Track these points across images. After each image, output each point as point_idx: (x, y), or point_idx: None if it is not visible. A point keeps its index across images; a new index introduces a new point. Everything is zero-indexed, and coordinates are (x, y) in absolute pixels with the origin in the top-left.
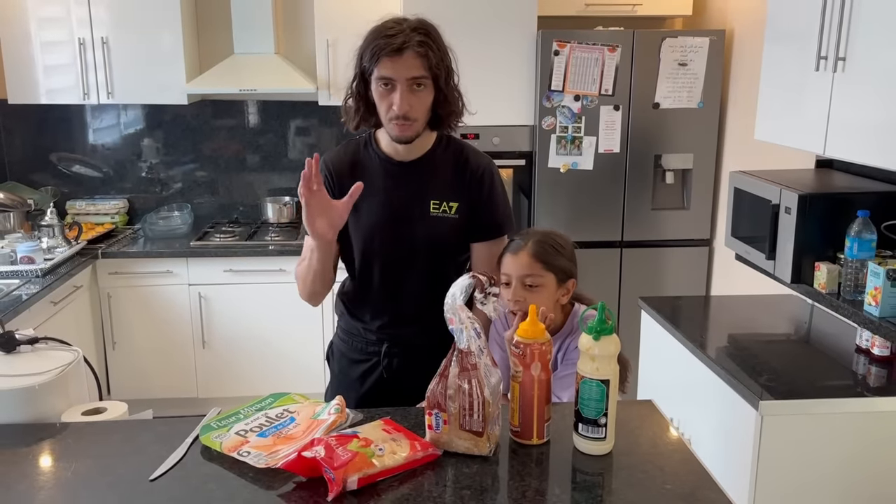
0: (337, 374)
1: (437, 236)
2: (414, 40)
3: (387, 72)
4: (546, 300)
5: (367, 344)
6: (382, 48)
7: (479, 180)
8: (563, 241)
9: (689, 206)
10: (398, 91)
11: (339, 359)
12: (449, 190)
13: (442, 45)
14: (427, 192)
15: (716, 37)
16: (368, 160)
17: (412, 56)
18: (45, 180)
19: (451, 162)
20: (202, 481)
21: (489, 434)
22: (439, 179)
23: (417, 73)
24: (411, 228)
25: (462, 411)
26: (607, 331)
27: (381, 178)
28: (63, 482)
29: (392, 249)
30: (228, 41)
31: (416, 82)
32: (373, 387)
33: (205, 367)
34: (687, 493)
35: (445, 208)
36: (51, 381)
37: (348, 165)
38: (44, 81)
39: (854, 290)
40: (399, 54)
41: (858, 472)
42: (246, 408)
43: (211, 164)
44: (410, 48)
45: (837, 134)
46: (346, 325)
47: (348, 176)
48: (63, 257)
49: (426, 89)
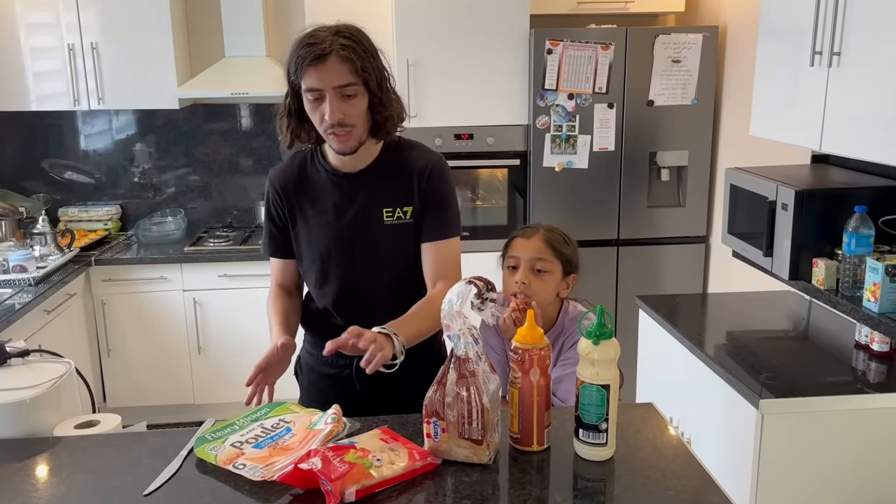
0: (307, 388)
1: (394, 243)
2: (336, 45)
3: (312, 82)
4: (550, 289)
5: (338, 356)
6: (304, 58)
7: (427, 179)
8: (568, 235)
9: (685, 203)
10: (327, 100)
11: (307, 373)
12: (400, 195)
13: (369, 46)
14: (379, 201)
15: (709, 33)
16: (316, 174)
17: (336, 62)
18: (36, 187)
19: (400, 166)
20: (197, 495)
21: (489, 442)
22: (389, 186)
23: (344, 79)
24: (367, 240)
25: (461, 419)
26: (607, 335)
27: (330, 192)
28: (56, 498)
29: (351, 263)
30: (219, 44)
31: (345, 90)
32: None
33: (201, 374)
34: (690, 498)
35: (400, 214)
36: (43, 395)
37: (294, 181)
38: (34, 88)
39: (852, 286)
40: (322, 62)
41: (860, 468)
42: (241, 418)
43: (204, 168)
44: (333, 54)
45: (833, 129)
46: (313, 339)
47: (295, 192)
48: (56, 265)
49: (358, 95)
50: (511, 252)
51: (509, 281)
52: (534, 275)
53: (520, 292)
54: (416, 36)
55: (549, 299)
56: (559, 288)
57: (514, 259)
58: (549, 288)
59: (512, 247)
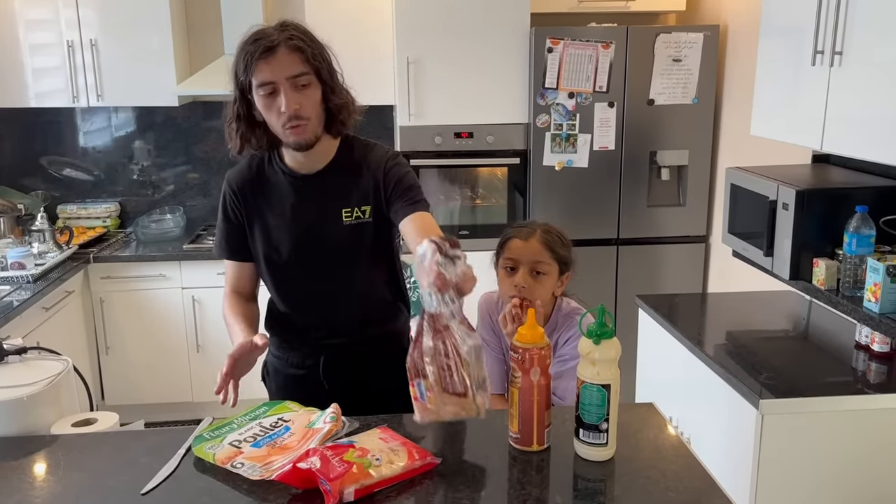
0: (275, 392)
1: (354, 243)
2: (284, 37)
3: (265, 76)
4: (548, 290)
5: (304, 357)
6: (253, 53)
7: (386, 171)
8: (564, 234)
9: (685, 202)
10: (282, 92)
11: (274, 377)
12: (358, 195)
13: (314, 38)
14: (337, 201)
15: (710, 32)
16: (273, 176)
17: (286, 52)
18: (35, 184)
19: (354, 165)
20: (195, 494)
21: (474, 394)
22: (347, 186)
23: (297, 69)
24: (327, 241)
25: (441, 372)
26: (608, 334)
27: (287, 194)
28: (53, 496)
29: (311, 265)
30: (219, 42)
31: (298, 80)
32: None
33: (199, 372)
34: (691, 499)
35: (358, 214)
36: (40, 393)
37: (252, 183)
38: (33, 85)
39: (853, 287)
40: (273, 53)
41: (860, 469)
42: (240, 417)
43: (203, 165)
44: (283, 44)
45: (835, 129)
46: (278, 342)
47: (252, 193)
48: (54, 262)
49: (311, 85)
50: (508, 253)
51: (506, 282)
52: (532, 277)
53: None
54: (417, 34)
55: (546, 300)
56: (554, 287)
57: (512, 261)
58: (547, 289)
59: (509, 248)
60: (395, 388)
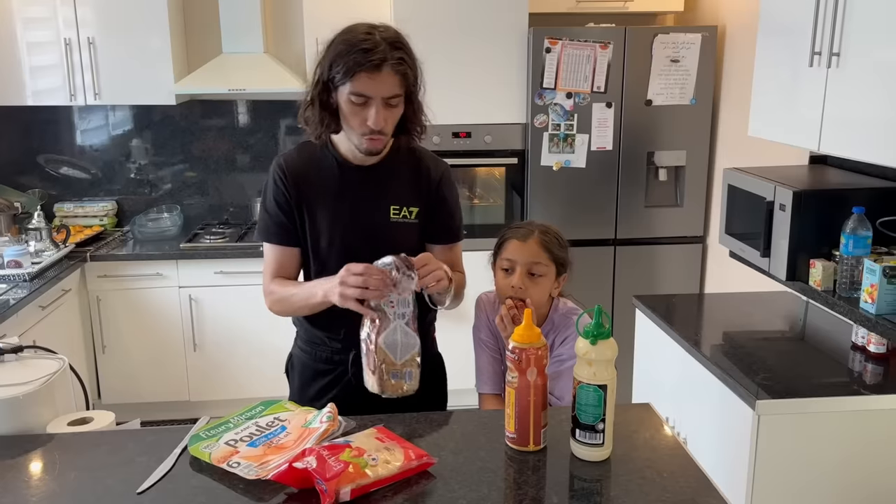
0: (298, 388)
1: (398, 241)
2: (393, 58)
3: (364, 89)
4: (545, 291)
5: (333, 353)
6: (360, 64)
7: (437, 185)
8: (561, 234)
9: (683, 203)
10: (373, 108)
11: (301, 371)
12: (409, 195)
13: (416, 60)
14: (386, 197)
15: (708, 33)
16: (326, 164)
17: (390, 74)
18: (32, 183)
19: (410, 166)
20: (191, 494)
21: (387, 378)
22: (398, 184)
23: (394, 90)
24: (371, 233)
25: (368, 354)
26: (604, 335)
27: (339, 182)
28: (49, 496)
29: (352, 255)
30: (217, 40)
31: (392, 100)
32: (338, 397)
33: (196, 371)
34: (687, 499)
35: (405, 213)
36: (36, 391)
37: (304, 169)
38: (30, 83)
39: (850, 288)
40: (378, 71)
41: (855, 470)
42: (236, 416)
43: (200, 164)
44: (388, 64)
45: (832, 130)
46: (308, 336)
47: (303, 179)
48: (51, 261)
49: (399, 105)
50: (506, 254)
51: (503, 283)
52: (529, 279)
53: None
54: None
55: (542, 301)
56: (551, 288)
57: (510, 262)
58: (544, 291)
59: (506, 248)
60: (421, 387)
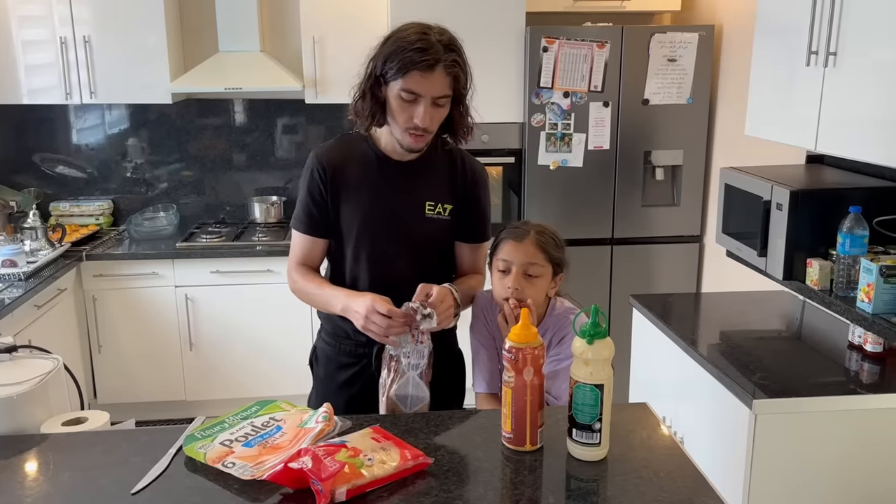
0: (323, 380)
1: (431, 237)
2: (448, 60)
3: (416, 87)
4: (541, 291)
5: (357, 346)
6: (415, 62)
7: (473, 185)
8: (558, 234)
9: (680, 202)
10: (422, 106)
11: (325, 364)
12: (445, 192)
13: (467, 64)
14: (423, 193)
15: (705, 32)
16: (364, 156)
17: (442, 74)
18: (27, 182)
19: (447, 164)
20: (186, 494)
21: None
22: (435, 181)
23: (444, 91)
24: (406, 228)
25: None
26: (601, 334)
27: (376, 174)
28: (43, 496)
29: (384, 247)
30: (213, 39)
31: (440, 100)
32: (362, 390)
33: (192, 370)
34: (684, 499)
35: (440, 210)
36: (30, 391)
37: (343, 160)
38: (25, 81)
39: (846, 287)
40: (431, 71)
41: (852, 469)
42: (231, 416)
43: (197, 163)
44: (441, 65)
45: (829, 129)
46: (333, 329)
47: (342, 170)
48: (46, 260)
49: (446, 105)
50: (501, 255)
51: (500, 283)
52: (525, 279)
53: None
54: None
55: (539, 301)
56: (547, 288)
57: (506, 263)
58: (540, 292)
59: (503, 249)
60: (441, 382)
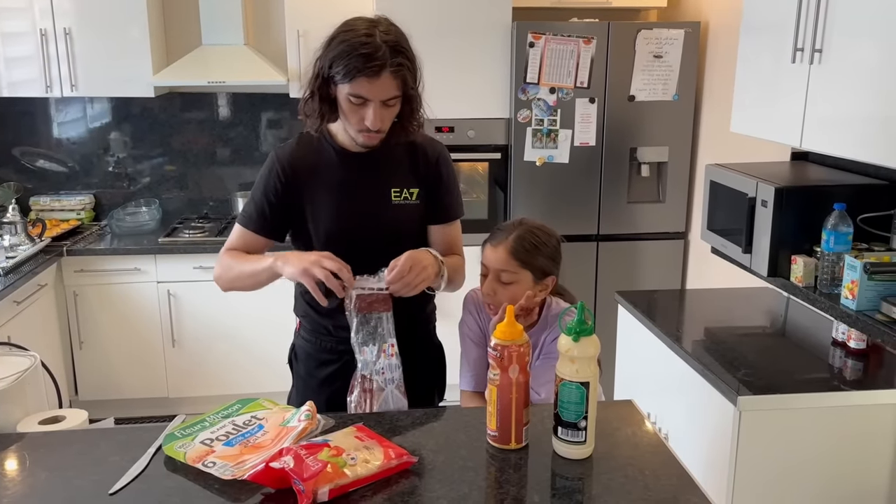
0: (303, 377)
1: (401, 223)
2: (393, 63)
3: (363, 92)
4: (518, 296)
5: (338, 342)
6: (359, 69)
7: (435, 164)
8: (546, 237)
9: (665, 199)
10: (371, 108)
11: (304, 361)
12: (408, 177)
13: (415, 60)
14: (387, 181)
15: (691, 29)
16: (323, 153)
17: (389, 78)
18: (7, 175)
19: (406, 149)
20: (165, 495)
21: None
22: (398, 168)
23: (393, 92)
24: (375, 218)
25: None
26: (587, 332)
27: (338, 170)
28: (18, 497)
29: (356, 241)
30: (196, 32)
31: (389, 101)
32: (343, 388)
33: (175, 367)
34: (669, 497)
35: (406, 195)
36: (6, 389)
37: (303, 160)
38: (5, 74)
39: (831, 284)
40: (377, 76)
41: (836, 465)
42: (212, 415)
43: (180, 157)
44: (387, 69)
45: (814, 126)
46: (313, 325)
47: (303, 170)
48: (26, 255)
49: (396, 105)
50: (482, 257)
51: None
52: (499, 284)
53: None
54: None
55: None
56: (534, 291)
57: (483, 267)
58: (516, 296)
59: (483, 251)
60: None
